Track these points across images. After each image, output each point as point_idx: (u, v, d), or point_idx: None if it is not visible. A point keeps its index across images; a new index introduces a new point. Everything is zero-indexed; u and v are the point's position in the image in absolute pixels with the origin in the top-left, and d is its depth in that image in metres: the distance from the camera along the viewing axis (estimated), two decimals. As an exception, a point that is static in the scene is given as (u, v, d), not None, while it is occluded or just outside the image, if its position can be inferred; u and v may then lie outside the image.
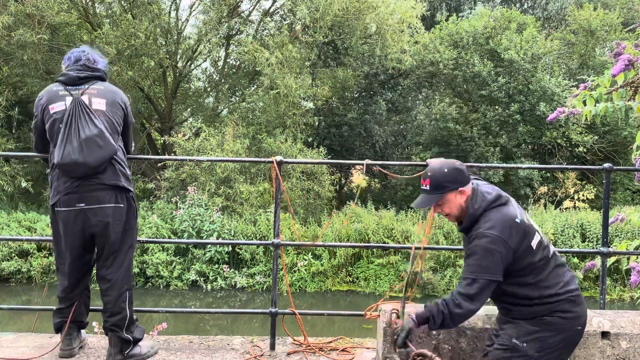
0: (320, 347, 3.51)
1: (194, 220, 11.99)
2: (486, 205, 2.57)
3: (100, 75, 3.28)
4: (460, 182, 2.60)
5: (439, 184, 2.59)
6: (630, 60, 3.29)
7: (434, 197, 2.62)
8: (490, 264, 2.47)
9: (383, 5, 14.35)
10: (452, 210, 2.64)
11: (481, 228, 2.53)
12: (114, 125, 3.16)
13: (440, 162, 2.66)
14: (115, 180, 3.10)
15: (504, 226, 2.51)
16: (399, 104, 18.91)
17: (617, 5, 18.96)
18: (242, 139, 13.76)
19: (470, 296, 2.48)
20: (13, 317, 9.49)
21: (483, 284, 2.47)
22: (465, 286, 2.50)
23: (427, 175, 2.64)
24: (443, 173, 2.60)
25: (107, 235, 3.12)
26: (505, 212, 2.56)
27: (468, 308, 2.49)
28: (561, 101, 14.87)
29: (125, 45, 13.37)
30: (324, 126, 18.31)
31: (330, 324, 9.49)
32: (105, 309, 3.21)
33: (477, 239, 2.51)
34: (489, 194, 2.61)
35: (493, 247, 2.47)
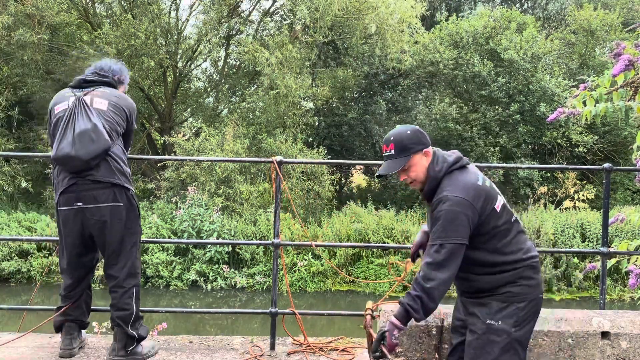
0: (320, 347, 3.51)
1: (194, 220, 11.99)
2: (447, 168, 2.50)
3: (109, 82, 3.30)
4: (423, 144, 2.53)
5: (404, 146, 2.50)
6: (630, 60, 3.29)
7: (400, 161, 2.51)
8: (457, 227, 2.37)
9: (383, 5, 14.35)
10: (419, 174, 2.53)
11: (444, 192, 2.44)
12: (114, 124, 3.16)
13: (401, 126, 2.59)
14: (110, 177, 3.09)
15: (468, 188, 2.43)
16: (399, 104, 18.91)
17: (617, 5, 18.96)
18: (242, 139, 13.76)
19: (439, 263, 2.37)
20: (13, 317, 9.49)
21: (452, 248, 2.37)
22: (433, 253, 2.39)
23: (389, 140, 2.54)
24: (407, 135, 2.52)
25: (106, 234, 3.13)
26: (467, 174, 2.50)
27: (440, 278, 2.36)
28: (561, 101, 14.87)
29: (125, 45, 13.37)
30: (324, 126, 18.31)
31: (330, 324, 9.49)
32: (112, 305, 3.26)
33: (442, 203, 2.42)
34: (449, 156, 2.56)
35: (458, 209, 2.38)
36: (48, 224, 12.51)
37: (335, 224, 12.83)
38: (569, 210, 14.45)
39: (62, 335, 3.32)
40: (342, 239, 12.28)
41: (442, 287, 2.37)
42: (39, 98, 15.09)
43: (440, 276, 2.36)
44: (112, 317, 3.27)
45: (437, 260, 2.37)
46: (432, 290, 2.36)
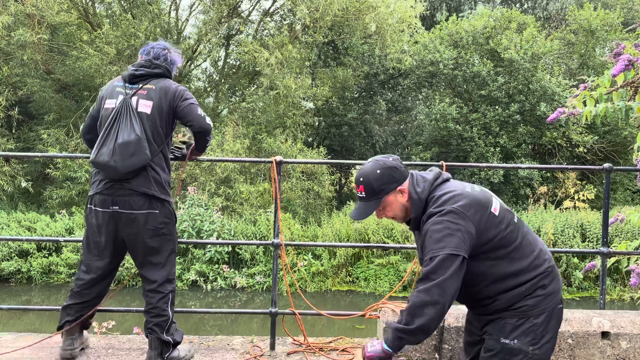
0: (320, 347, 3.51)
1: (194, 220, 11.99)
2: (429, 186, 2.32)
3: (161, 72, 3.23)
4: (396, 181, 2.31)
5: (373, 190, 2.31)
6: (630, 60, 3.29)
7: (372, 204, 2.33)
8: (447, 237, 2.15)
9: (383, 5, 14.36)
10: (396, 213, 2.37)
11: (430, 209, 2.25)
12: (158, 129, 3.10)
13: (371, 163, 2.34)
14: (147, 188, 3.06)
15: (454, 197, 2.24)
16: (399, 104, 18.91)
17: (618, 5, 18.96)
18: (242, 139, 13.77)
19: (426, 275, 2.14)
20: (13, 317, 9.50)
21: (441, 258, 2.12)
22: (424, 268, 2.18)
23: (359, 181, 2.34)
24: (376, 176, 2.30)
25: (143, 240, 3.09)
26: (451, 186, 2.31)
27: (426, 287, 2.12)
28: (561, 101, 14.86)
29: (125, 45, 13.38)
30: (324, 126, 18.32)
31: (330, 324, 9.48)
32: (148, 310, 3.19)
33: (428, 219, 2.23)
34: (427, 174, 2.39)
35: (447, 219, 2.18)
36: (48, 224, 12.51)
37: (335, 224, 12.83)
38: (569, 210, 14.45)
39: (62, 335, 3.27)
40: (342, 239, 12.27)
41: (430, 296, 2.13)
42: (39, 98, 15.10)
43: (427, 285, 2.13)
44: (147, 323, 3.19)
45: (425, 273, 2.15)
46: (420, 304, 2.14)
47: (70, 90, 15.55)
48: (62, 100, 15.39)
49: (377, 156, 2.39)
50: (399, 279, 11.65)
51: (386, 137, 18.29)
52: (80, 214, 13.05)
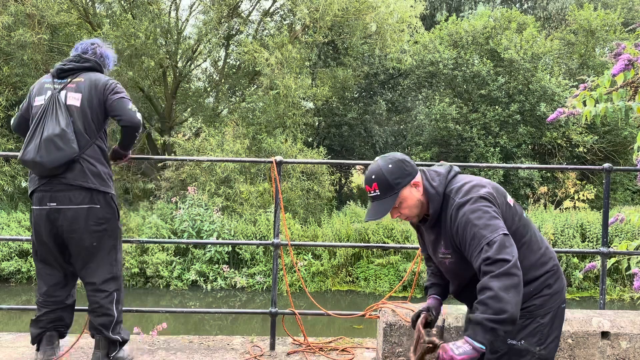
0: (320, 347, 3.51)
1: (194, 220, 11.99)
2: (444, 179, 2.24)
3: (90, 66, 3.14)
4: (409, 174, 2.22)
5: (388, 184, 2.20)
6: (630, 60, 3.29)
7: (388, 201, 2.20)
8: (492, 219, 2.07)
9: (383, 5, 14.36)
10: (412, 210, 2.25)
11: (455, 201, 2.16)
12: (89, 121, 3.01)
13: (380, 161, 2.26)
14: (83, 180, 2.95)
15: (476, 186, 2.19)
16: (399, 104, 18.91)
17: (618, 5, 18.96)
18: (242, 139, 13.76)
19: (495, 258, 1.99)
20: (13, 317, 9.50)
21: (502, 239, 2.02)
22: (484, 252, 2.02)
23: (371, 179, 2.22)
24: (388, 170, 2.21)
25: (82, 237, 2.97)
26: (466, 178, 2.26)
27: (504, 269, 1.96)
28: (561, 101, 14.86)
29: (125, 45, 13.38)
30: (324, 126, 18.32)
31: (330, 324, 9.48)
32: (92, 310, 3.09)
33: (459, 210, 2.13)
34: (439, 168, 2.31)
35: (482, 205, 2.10)
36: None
37: (335, 224, 12.83)
38: (569, 210, 14.46)
39: (41, 346, 3.10)
40: (342, 239, 12.27)
41: (514, 272, 1.99)
42: (39, 98, 15.08)
43: (507, 261, 1.98)
44: (92, 324, 3.10)
45: (492, 255, 2.00)
46: (508, 287, 1.96)
47: (70, 90, 15.54)
48: (62, 100, 15.37)
49: (384, 154, 2.31)
50: (399, 279, 11.65)
51: (386, 137, 18.29)
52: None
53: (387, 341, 2.97)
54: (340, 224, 12.73)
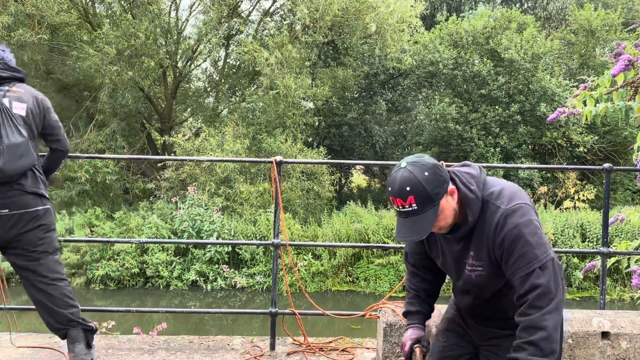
0: (320, 347, 3.50)
1: (194, 220, 11.99)
2: (481, 183, 2.01)
3: (22, 77, 3.12)
4: (445, 181, 1.95)
5: (428, 196, 1.89)
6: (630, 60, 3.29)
7: (430, 216, 1.91)
8: (542, 238, 1.89)
9: (383, 5, 14.36)
10: (447, 220, 1.99)
11: (500, 208, 1.93)
12: (34, 131, 3.03)
13: (412, 167, 1.91)
14: (36, 187, 2.98)
15: (518, 192, 1.99)
16: (399, 104, 18.91)
17: (618, 5, 18.96)
18: (242, 139, 13.76)
19: (548, 289, 1.84)
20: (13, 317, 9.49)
21: (552, 265, 1.87)
22: (536, 282, 1.84)
23: (405, 192, 1.89)
24: (425, 179, 1.89)
25: (33, 238, 2.96)
26: (496, 179, 2.06)
27: (554, 305, 1.83)
28: (561, 101, 14.86)
29: (125, 45, 13.38)
30: (324, 126, 18.32)
31: (330, 324, 9.48)
32: (51, 311, 3.00)
33: (509, 218, 1.90)
34: (466, 168, 2.08)
35: (531, 217, 1.91)
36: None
37: (335, 224, 12.82)
38: (569, 210, 14.45)
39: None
40: (342, 239, 12.27)
41: (559, 319, 1.86)
42: (39, 98, 15.07)
43: (553, 305, 1.84)
44: (60, 322, 3.00)
45: (544, 286, 1.84)
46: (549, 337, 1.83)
47: (71, 91, 15.56)
48: (62, 100, 15.39)
49: (408, 158, 1.96)
50: (399, 279, 11.65)
51: (386, 137, 18.29)
52: (80, 213, 13.05)
53: (387, 341, 2.96)
54: (340, 224, 12.73)
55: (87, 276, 11.57)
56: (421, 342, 2.24)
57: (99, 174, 13.50)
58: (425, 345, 2.24)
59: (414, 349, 2.21)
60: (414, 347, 2.22)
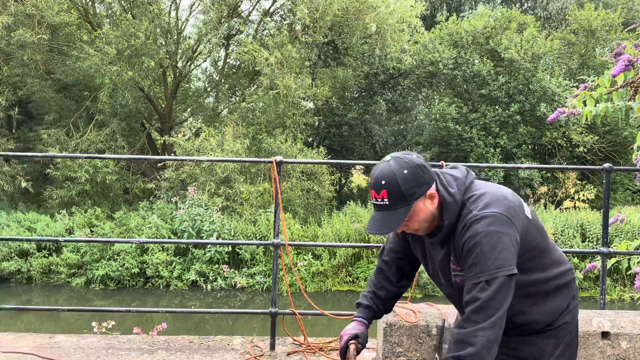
0: (320, 347, 3.50)
1: (194, 220, 11.99)
2: (463, 185, 1.93)
3: None
4: (426, 183, 1.86)
5: (401, 194, 1.83)
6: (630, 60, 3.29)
7: (399, 214, 1.85)
8: (502, 252, 1.79)
9: (383, 5, 14.36)
10: (422, 224, 1.92)
11: (472, 212, 1.85)
12: None
13: (393, 162, 1.86)
14: None
15: (499, 200, 1.87)
16: (399, 104, 18.92)
17: (618, 5, 18.96)
18: (242, 139, 13.77)
19: (486, 304, 1.78)
20: (13, 317, 9.50)
21: (501, 283, 1.78)
22: (476, 294, 1.80)
23: (379, 184, 1.84)
24: (403, 177, 1.83)
25: None
26: (483, 186, 1.95)
27: (492, 321, 1.77)
28: (561, 101, 14.86)
29: (125, 45, 13.37)
30: (324, 126, 18.32)
31: (331, 324, 9.48)
32: None
33: (473, 225, 1.83)
34: (453, 170, 2.00)
35: (499, 229, 1.81)
36: (48, 224, 12.51)
37: (335, 224, 12.82)
38: (569, 210, 14.45)
39: None
40: (342, 239, 12.27)
41: (493, 336, 1.79)
42: (39, 98, 15.10)
43: (489, 323, 1.78)
44: None
45: (485, 300, 1.78)
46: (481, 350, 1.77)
47: (70, 90, 15.57)
48: (62, 100, 15.40)
49: (395, 153, 1.93)
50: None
51: (386, 137, 18.30)
52: (80, 213, 13.06)
53: (387, 341, 2.97)
54: (340, 224, 12.73)
55: (87, 276, 11.57)
56: (358, 338, 2.19)
57: (99, 174, 13.50)
58: (361, 342, 2.20)
59: (349, 345, 2.18)
60: (349, 342, 2.18)
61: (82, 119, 15.00)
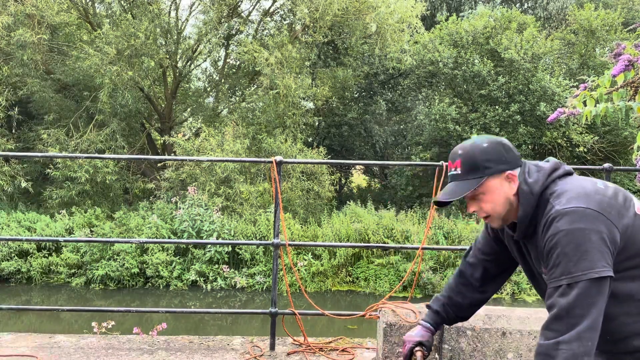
0: (320, 347, 3.50)
1: (194, 220, 11.99)
2: (545, 177, 1.75)
3: None
4: (506, 162, 1.75)
5: (474, 164, 1.75)
6: (630, 60, 3.29)
7: (467, 184, 1.75)
8: (589, 252, 1.57)
9: (383, 5, 14.37)
10: (496, 206, 1.77)
11: (555, 207, 1.66)
12: None
13: (477, 137, 1.82)
14: None
15: (589, 194, 1.66)
16: (399, 104, 18.92)
17: (618, 5, 18.95)
18: (242, 139, 13.77)
19: (567, 311, 1.58)
20: (13, 317, 9.50)
21: (585, 287, 1.57)
22: (557, 299, 1.61)
23: (456, 154, 1.80)
24: (481, 149, 1.76)
25: None
26: (575, 180, 1.74)
27: (576, 332, 1.56)
28: (561, 101, 14.87)
29: (125, 45, 13.38)
30: (324, 126, 18.32)
31: (330, 324, 9.48)
32: None
33: (554, 223, 1.63)
34: (543, 163, 1.82)
35: (585, 225, 1.59)
36: (48, 224, 12.51)
37: (335, 224, 12.82)
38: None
39: None
40: (342, 239, 12.27)
41: (579, 350, 1.57)
42: (39, 98, 15.11)
43: (573, 334, 1.57)
44: None
45: (565, 308, 1.59)
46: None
47: (70, 90, 15.57)
48: (62, 100, 15.40)
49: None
50: (399, 279, 11.65)
51: (386, 137, 18.30)
52: (80, 213, 13.06)
53: (387, 341, 2.96)
54: (340, 224, 12.73)
55: (87, 276, 11.57)
56: (423, 346, 2.10)
57: (99, 174, 13.50)
58: (426, 350, 2.09)
59: (415, 352, 2.09)
60: (414, 350, 2.09)
61: (82, 119, 15.01)
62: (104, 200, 14.33)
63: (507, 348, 2.85)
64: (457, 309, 2.13)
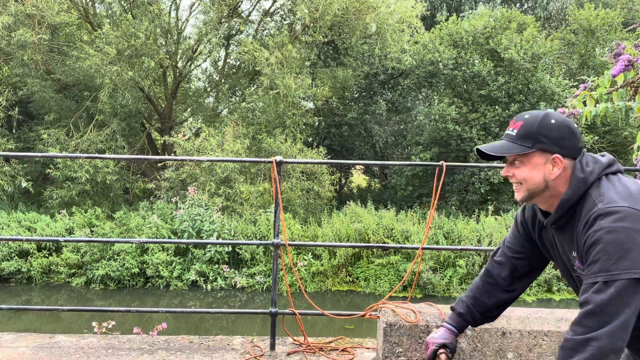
0: (320, 347, 3.50)
1: (194, 220, 11.99)
2: (600, 169, 1.73)
3: None
4: (563, 147, 1.73)
5: (532, 133, 1.74)
6: (630, 60, 3.29)
7: (515, 148, 1.76)
8: (631, 252, 1.55)
9: (383, 5, 14.37)
10: (528, 181, 1.77)
11: (598, 204, 1.65)
12: None
13: (550, 111, 1.81)
14: None
15: (634, 194, 1.65)
16: (399, 104, 18.93)
17: (618, 5, 18.95)
18: (242, 139, 13.78)
19: (601, 308, 1.57)
20: (13, 317, 9.50)
21: (623, 286, 1.55)
22: (591, 295, 1.59)
23: (522, 117, 1.80)
24: (547, 123, 1.74)
25: None
26: (627, 180, 1.73)
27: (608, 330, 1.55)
28: (561, 101, 14.87)
29: (125, 45, 13.38)
30: (324, 126, 18.32)
31: (330, 324, 9.48)
32: None
33: (599, 219, 1.62)
34: (600, 157, 1.81)
35: (630, 225, 1.57)
36: (48, 224, 12.51)
37: (335, 224, 12.82)
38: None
39: None
40: (342, 239, 12.27)
41: (608, 347, 1.56)
42: (39, 98, 15.12)
43: (604, 332, 1.56)
44: None
45: (598, 305, 1.57)
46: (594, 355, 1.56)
47: (71, 90, 15.58)
48: (62, 100, 15.41)
49: None
50: (399, 279, 11.65)
51: (386, 137, 18.30)
52: (80, 213, 13.06)
53: (387, 341, 2.97)
54: (340, 224, 12.73)
55: (87, 276, 11.58)
56: (446, 348, 2.07)
57: (99, 174, 13.51)
58: (450, 352, 2.06)
59: (439, 354, 2.06)
60: (438, 352, 2.06)
61: (82, 119, 15.01)
62: (104, 200, 14.33)
63: (507, 348, 2.85)
64: (483, 309, 2.11)
